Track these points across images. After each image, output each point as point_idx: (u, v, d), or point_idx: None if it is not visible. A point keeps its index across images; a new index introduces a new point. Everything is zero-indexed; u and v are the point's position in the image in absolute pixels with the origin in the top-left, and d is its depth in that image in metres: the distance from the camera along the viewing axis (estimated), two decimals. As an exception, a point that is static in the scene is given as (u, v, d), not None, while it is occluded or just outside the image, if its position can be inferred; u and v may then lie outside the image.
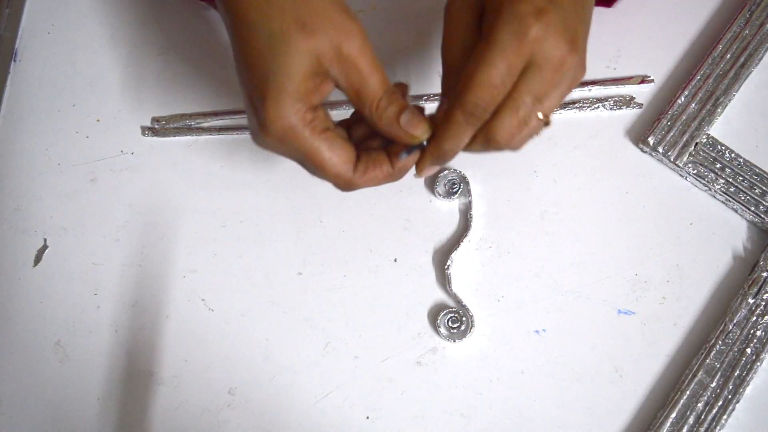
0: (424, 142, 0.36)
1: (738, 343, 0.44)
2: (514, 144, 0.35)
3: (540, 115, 0.34)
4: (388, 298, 0.48)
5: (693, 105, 0.47)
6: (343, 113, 0.49)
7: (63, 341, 0.49)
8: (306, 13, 0.33)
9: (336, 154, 0.35)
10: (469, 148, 0.36)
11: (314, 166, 0.36)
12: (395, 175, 0.37)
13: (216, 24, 0.54)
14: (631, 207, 0.47)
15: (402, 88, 0.37)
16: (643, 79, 0.49)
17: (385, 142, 0.37)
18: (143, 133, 0.52)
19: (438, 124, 0.36)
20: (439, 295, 0.48)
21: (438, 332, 0.46)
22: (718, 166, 0.47)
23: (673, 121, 0.47)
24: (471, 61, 0.33)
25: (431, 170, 0.37)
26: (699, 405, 0.43)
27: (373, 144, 0.38)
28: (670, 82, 0.49)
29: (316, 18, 0.33)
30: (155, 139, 0.52)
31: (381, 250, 0.48)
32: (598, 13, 0.46)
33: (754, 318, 0.44)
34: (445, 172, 0.48)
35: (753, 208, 0.46)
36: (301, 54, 0.33)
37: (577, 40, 0.33)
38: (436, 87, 0.46)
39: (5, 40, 0.55)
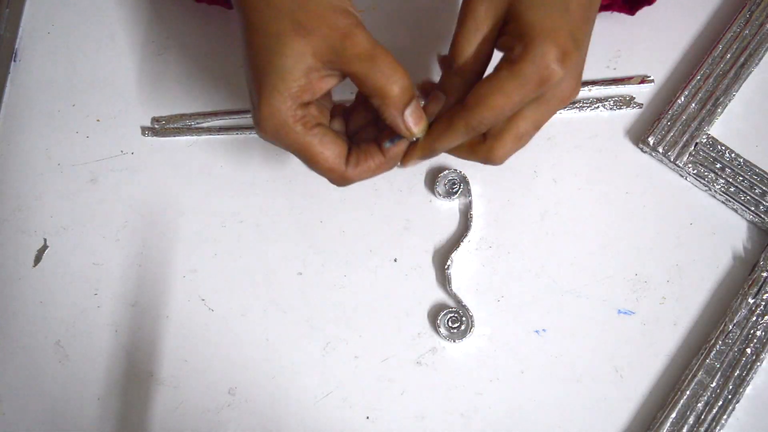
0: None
1: (738, 343, 0.44)
2: (504, 161, 0.38)
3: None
4: (388, 298, 0.48)
5: (693, 105, 0.47)
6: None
7: (63, 341, 0.49)
8: (302, 16, 0.34)
9: (327, 149, 0.36)
10: (462, 155, 0.39)
11: (307, 161, 0.37)
12: (387, 164, 0.38)
13: (216, 24, 0.54)
14: (631, 207, 0.47)
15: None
16: (643, 79, 0.49)
17: (379, 132, 0.38)
18: (143, 133, 0.52)
19: (434, 123, 0.37)
20: (439, 295, 0.48)
21: (438, 332, 0.46)
22: (718, 166, 0.47)
23: (673, 121, 0.47)
24: (487, 82, 0.34)
25: (416, 163, 0.39)
26: (699, 405, 0.43)
27: (369, 133, 0.39)
28: (670, 82, 0.49)
29: (312, 19, 0.34)
30: (155, 139, 0.52)
31: (381, 250, 0.48)
32: (602, 14, 0.46)
33: (754, 318, 0.44)
34: (445, 172, 0.48)
35: (753, 208, 0.46)
36: (296, 54, 0.34)
37: (580, 77, 0.36)
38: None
39: (5, 40, 0.55)
